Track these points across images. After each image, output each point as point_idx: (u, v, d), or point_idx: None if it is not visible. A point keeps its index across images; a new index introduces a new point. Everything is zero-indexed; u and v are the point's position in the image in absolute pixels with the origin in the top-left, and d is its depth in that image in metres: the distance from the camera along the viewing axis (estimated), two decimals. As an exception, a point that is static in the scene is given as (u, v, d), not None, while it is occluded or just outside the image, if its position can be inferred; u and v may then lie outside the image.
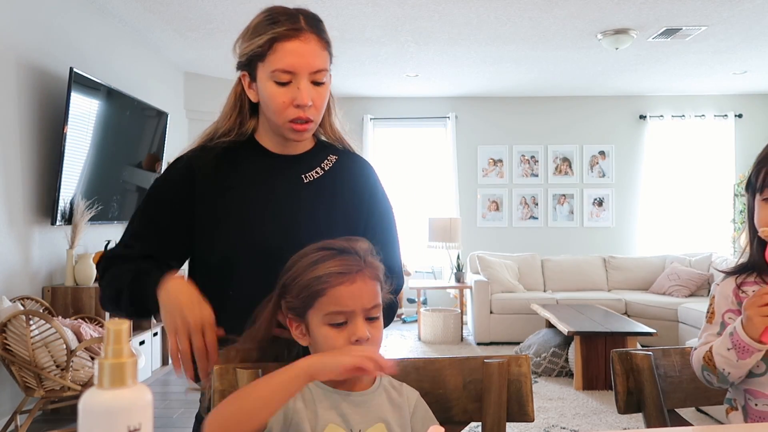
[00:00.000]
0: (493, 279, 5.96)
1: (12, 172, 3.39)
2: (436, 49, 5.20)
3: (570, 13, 4.31)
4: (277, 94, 1.16)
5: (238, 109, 1.25)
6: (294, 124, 1.17)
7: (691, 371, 1.30)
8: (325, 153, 1.30)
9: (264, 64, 1.15)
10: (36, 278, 3.59)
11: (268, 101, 1.18)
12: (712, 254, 6.16)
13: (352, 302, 0.93)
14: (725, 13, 4.30)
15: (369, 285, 0.96)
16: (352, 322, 0.94)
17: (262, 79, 1.17)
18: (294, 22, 1.14)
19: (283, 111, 1.16)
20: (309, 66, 1.14)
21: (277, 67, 1.14)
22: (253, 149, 1.26)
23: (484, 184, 7.17)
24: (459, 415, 1.12)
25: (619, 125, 7.13)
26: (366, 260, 0.97)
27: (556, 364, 4.59)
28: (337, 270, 0.94)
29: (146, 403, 0.57)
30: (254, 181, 1.23)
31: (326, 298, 0.93)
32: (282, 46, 1.13)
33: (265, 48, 1.14)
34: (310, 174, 1.26)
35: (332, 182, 1.27)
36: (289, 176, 1.24)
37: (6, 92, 3.34)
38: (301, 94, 1.14)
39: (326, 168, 1.28)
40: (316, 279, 0.94)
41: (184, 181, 1.21)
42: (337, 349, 0.92)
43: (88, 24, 4.15)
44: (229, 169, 1.23)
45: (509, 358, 1.14)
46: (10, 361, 2.95)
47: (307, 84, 1.15)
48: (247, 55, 1.18)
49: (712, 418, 3.43)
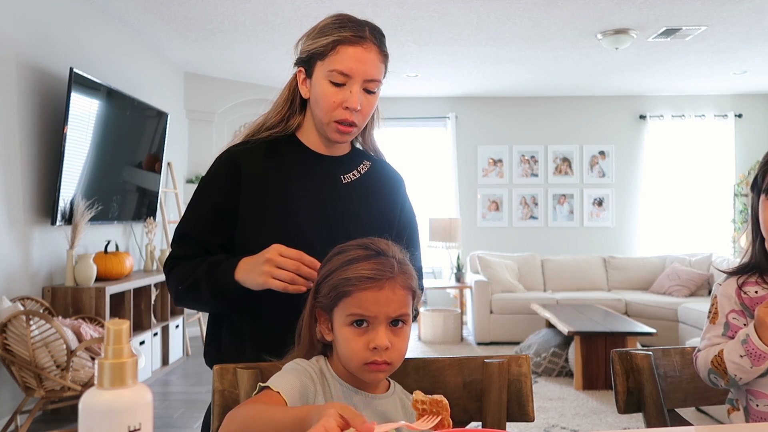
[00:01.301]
0: (493, 279, 5.97)
1: (12, 172, 3.39)
2: (436, 49, 5.20)
3: (570, 13, 4.31)
4: (330, 93, 1.21)
5: (289, 103, 1.31)
6: (339, 125, 1.23)
7: (691, 371, 1.30)
8: (360, 158, 1.37)
9: (323, 63, 1.21)
10: (36, 278, 3.59)
11: (319, 98, 1.23)
12: (712, 254, 6.17)
13: (375, 308, 0.93)
14: (725, 13, 4.30)
15: (398, 294, 0.95)
16: (373, 328, 0.93)
17: (318, 77, 1.23)
18: (360, 30, 1.21)
19: (332, 110, 1.22)
20: (365, 73, 1.21)
21: (336, 68, 1.20)
22: (295, 146, 1.31)
23: (484, 184, 7.17)
24: (459, 415, 1.12)
25: (619, 125, 7.13)
26: (401, 268, 0.97)
27: (556, 364, 4.59)
28: (367, 274, 0.94)
29: (146, 403, 0.57)
30: (297, 176, 1.28)
31: (351, 299, 0.94)
32: (344, 49, 1.20)
33: (328, 48, 1.20)
34: (349, 175, 1.32)
35: (368, 185, 1.33)
36: (329, 175, 1.30)
37: (6, 92, 3.34)
38: (353, 97, 1.20)
39: (362, 172, 1.35)
40: (345, 280, 0.94)
41: (228, 176, 1.25)
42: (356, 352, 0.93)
43: (88, 24, 4.15)
44: (273, 163, 1.28)
45: (509, 358, 1.14)
46: (10, 361, 2.95)
47: (359, 89, 1.21)
48: (309, 52, 1.24)
49: (712, 418, 3.43)
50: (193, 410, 3.75)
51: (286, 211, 1.24)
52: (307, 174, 1.28)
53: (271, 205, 1.24)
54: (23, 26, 3.47)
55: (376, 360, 0.92)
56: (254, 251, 1.20)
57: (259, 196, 1.24)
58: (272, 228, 1.22)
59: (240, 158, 1.26)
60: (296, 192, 1.26)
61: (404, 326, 0.96)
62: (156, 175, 4.92)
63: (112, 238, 4.41)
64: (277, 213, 1.24)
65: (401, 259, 0.98)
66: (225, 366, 1.07)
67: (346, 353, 0.95)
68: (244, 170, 1.25)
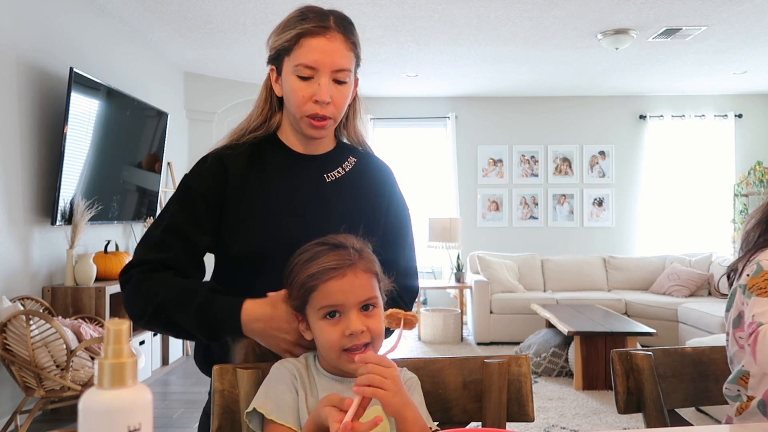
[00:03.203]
0: (493, 279, 5.96)
1: (12, 172, 3.39)
2: (436, 49, 5.20)
3: (570, 13, 4.31)
4: (298, 88, 1.19)
5: (269, 103, 1.29)
6: (311, 119, 1.20)
7: (691, 371, 1.30)
8: (345, 155, 1.33)
9: (289, 58, 1.19)
10: (36, 278, 3.59)
11: (289, 94, 1.21)
12: (712, 254, 6.17)
13: (342, 296, 0.96)
14: (725, 13, 4.30)
15: (361, 278, 0.97)
16: (345, 315, 0.96)
17: (286, 72, 1.20)
18: (323, 21, 1.18)
19: (302, 105, 1.19)
20: (332, 64, 1.17)
21: (301, 61, 1.17)
22: (277, 147, 1.29)
23: (484, 184, 7.17)
24: (459, 415, 1.12)
25: (619, 125, 7.13)
26: (360, 254, 0.99)
27: (556, 364, 4.59)
28: (328, 266, 0.97)
29: (146, 403, 0.57)
30: (278, 178, 1.26)
31: (318, 293, 0.97)
32: (307, 41, 1.17)
33: (292, 42, 1.18)
34: (332, 174, 1.29)
35: (353, 182, 1.30)
36: (312, 174, 1.27)
37: (6, 92, 3.34)
38: (321, 90, 1.17)
39: (347, 169, 1.31)
40: (309, 276, 0.97)
41: (215, 178, 1.23)
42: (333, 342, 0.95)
43: (88, 24, 4.15)
44: (256, 165, 1.26)
45: (509, 358, 1.14)
46: (10, 361, 2.95)
47: (328, 81, 1.18)
48: (276, 49, 1.22)
49: (712, 418, 3.43)
50: (193, 410, 3.75)
51: (267, 214, 1.22)
52: (288, 175, 1.26)
53: (252, 207, 1.22)
54: (23, 26, 3.47)
55: (355, 344, 0.95)
56: (236, 256, 1.20)
57: (242, 200, 1.22)
58: (253, 231, 1.21)
59: (227, 161, 1.24)
60: (277, 194, 1.24)
61: (375, 309, 0.99)
62: (156, 175, 4.92)
63: (112, 238, 4.41)
64: (258, 216, 1.22)
65: (359, 247, 1.01)
66: (225, 366, 1.07)
67: (325, 345, 0.97)
68: (230, 172, 1.23)
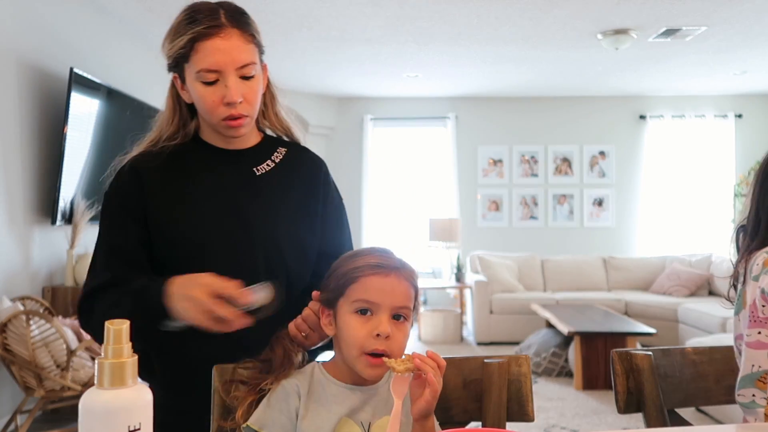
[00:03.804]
0: (493, 279, 5.96)
1: (12, 172, 3.39)
2: (436, 49, 5.20)
3: (570, 13, 4.31)
4: (205, 94, 1.14)
5: (178, 112, 1.24)
6: (228, 121, 1.15)
7: (691, 371, 1.30)
8: (274, 146, 1.29)
9: (189, 65, 1.14)
10: (36, 278, 3.59)
11: (199, 102, 1.16)
12: (712, 254, 6.17)
13: (381, 295, 0.94)
14: (725, 13, 4.30)
15: (403, 284, 0.96)
16: (377, 315, 0.94)
17: (190, 80, 1.15)
18: (213, 19, 1.12)
19: (214, 110, 1.15)
20: (234, 62, 1.12)
21: (202, 67, 1.12)
22: (202, 147, 1.25)
23: (484, 184, 7.17)
24: (459, 415, 1.12)
25: (619, 125, 7.13)
26: (404, 264, 0.99)
27: (556, 364, 4.59)
28: (374, 262, 0.96)
29: (146, 403, 0.58)
30: (207, 178, 1.21)
31: (358, 285, 0.95)
32: (203, 45, 1.11)
33: (187, 49, 1.12)
34: (262, 166, 1.25)
35: (285, 174, 1.26)
36: (241, 170, 1.23)
37: (6, 92, 3.34)
38: (230, 91, 1.12)
39: (277, 161, 1.27)
40: (354, 268, 0.96)
41: (132, 190, 1.19)
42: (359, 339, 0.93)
43: (88, 24, 4.14)
44: (179, 168, 1.21)
45: (509, 358, 1.14)
46: (10, 361, 2.95)
47: (235, 80, 1.13)
48: (172, 57, 1.16)
49: (712, 418, 3.43)
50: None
51: (200, 215, 1.18)
52: (215, 171, 1.22)
53: (178, 210, 1.18)
54: (23, 26, 3.47)
55: (377, 348, 0.93)
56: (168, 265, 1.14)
57: (166, 204, 1.18)
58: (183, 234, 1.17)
59: (141, 170, 1.19)
60: (204, 193, 1.20)
61: (405, 322, 0.97)
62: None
63: (112, 238, 4.41)
64: (189, 218, 1.17)
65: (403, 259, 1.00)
66: (224, 366, 1.07)
67: (350, 340, 0.95)
68: (146, 179, 1.19)
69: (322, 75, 6.04)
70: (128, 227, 1.17)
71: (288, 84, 6.31)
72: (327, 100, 7.05)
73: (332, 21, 4.46)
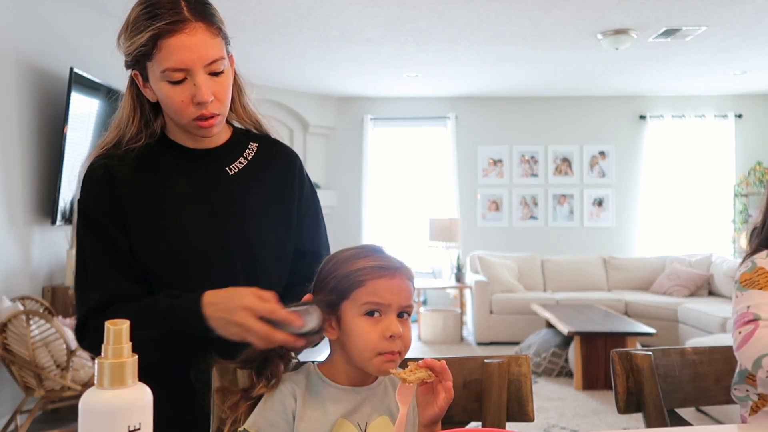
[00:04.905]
0: (493, 279, 5.97)
1: (12, 172, 3.39)
2: (436, 49, 5.20)
3: (570, 13, 4.31)
4: (173, 95, 1.06)
5: (139, 111, 1.15)
6: (199, 121, 1.08)
7: (691, 371, 1.30)
8: (245, 142, 1.23)
9: (152, 63, 1.05)
10: (36, 278, 3.59)
11: (166, 102, 1.08)
12: (712, 254, 6.17)
13: (390, 296, 0.94)
14: (725, 13, 4.30)
15: (406, 284, 0.96)
16: (386, 316, 0.94)
17: (154, 80, 1.07)
18: (176, 13, 1.02)
19: (183, 111, 1.07)
20: (201, 59, 1.04)
21: (167, 66, 1.03)
22: (169, 147, 1.17)
23: (484, 184, 7.17)
24: (459, 415, 1.12)
25: (619, 125, 7.13)
26: (400, 261, 0.98)
27: (556, 364, 4.59)
28: (378, 264, 0.95)
29: (146, 403, 0.58)
30: (177, 180, 1.15)
31: (365, 288, 0.93)
32: (166, 43, 1.02)
33: (149, 47, 1.03)
34: (234, 165, 1.19)
35: (258, 171, 1.20)
36: (212, 170, 1.17)
37: (6, 92, 3.34)
38: (200, 90, 1.04)
39: (249, 157, 1.21)
40: (357, 270, 0.94)
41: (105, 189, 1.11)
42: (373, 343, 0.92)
43: (88, 24, 4.14)
44: (150, 171, 1.14)
45: (509, 358, 1.14)
46: (10, 361, 2.95)
47: (204, 78, 1.05)
48: (132, 55, 1.06)
49: (712, 418, 3.43)
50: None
51: (175, 219, 1.12)
52: (186, 174, 1.15)
53: (152, 215, 1.12)
54: (23, 26, 3.47)
55: (392, 349, 0.93)
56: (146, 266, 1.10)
57: (140, 208, 1.12)
58: (158, 239, 1.11)
59: (112, 167, 1.11)
60: (177, 196, 1.13)
61: (408, 318, 0.98)
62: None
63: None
64: (159, 222, 1.12)
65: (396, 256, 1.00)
66: (224, 366, 1.07)
67: (361, 344, 0.94)
68: (119, 180, 1.11)
69: (321, 75, 6.04)
70: (113, 233, 1.10)
71: (288, 84, 6.32)
72: (327, 99, 7.05)
73: (332, 21, 4.46)
